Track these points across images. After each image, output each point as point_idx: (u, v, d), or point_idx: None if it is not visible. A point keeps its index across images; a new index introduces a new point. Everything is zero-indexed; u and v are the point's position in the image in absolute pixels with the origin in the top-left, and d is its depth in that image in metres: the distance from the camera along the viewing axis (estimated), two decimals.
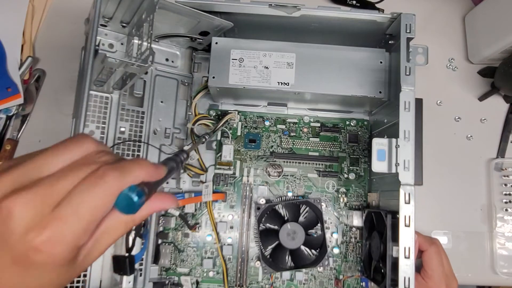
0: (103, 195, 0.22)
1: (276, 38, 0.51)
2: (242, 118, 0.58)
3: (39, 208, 0.21)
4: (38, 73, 0.59)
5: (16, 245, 0.20)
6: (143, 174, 0.24)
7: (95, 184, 0.22)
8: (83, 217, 0.21)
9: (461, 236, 0.59)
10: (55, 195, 0.21)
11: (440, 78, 0.64)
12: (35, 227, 0.20)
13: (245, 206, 0.55)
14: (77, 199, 0.21)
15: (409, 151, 0.42)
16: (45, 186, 0.21)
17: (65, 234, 0.21)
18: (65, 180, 0.22)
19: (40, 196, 0.21)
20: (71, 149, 0.23)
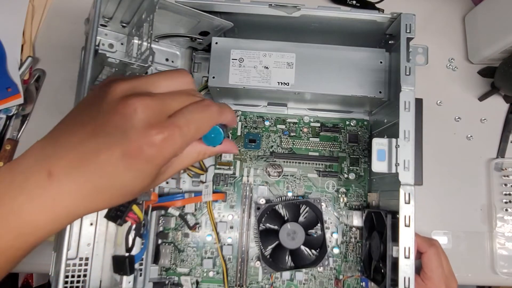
0: (207, 120, 0.27)
1: (276, 38, 0.51)
2: (242, 118, 0.58)
3: (158, 113, 0.24)
4: (38, 73, 0.59)
5: (134, 138, 0.23)
6: (229, 118, 0.29)
7: (203, 109, 0.26)
8: (191, 131, 0.25)
9: (461, 236, 0.59)
10: (171, 107, 0.25)
11: (440, 78, 0.64)
12: (157, 126, 0.23)
13: (245, 206, 0.56)
14: (189, 115, 0.25)
15: (409, 151, 0.42)
16: (162, 97, 0.25)
17: (177, 139, 0.24)
18: (178, 99, 0.26)
19: (159, 104, 0.24)
20: (176, 78, 0.27)
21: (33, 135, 0.58)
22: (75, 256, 0.48)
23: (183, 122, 0.25)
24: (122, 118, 0.23)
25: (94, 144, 0.23)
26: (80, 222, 0.49)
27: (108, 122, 0.23)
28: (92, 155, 0.23)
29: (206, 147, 0.29)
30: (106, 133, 0.23)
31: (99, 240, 0.49)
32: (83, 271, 0.48)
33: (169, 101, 0.25)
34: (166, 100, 0.25)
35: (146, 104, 0.24)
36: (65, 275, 0.36)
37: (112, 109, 0.24)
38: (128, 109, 0.23)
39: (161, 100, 0.25)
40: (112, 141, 0.23)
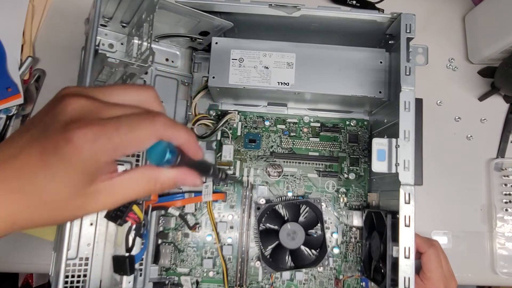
0: (146, 131, 0.23)
1: (276, 38, 0.51)
2: (242, 118, 0.58)
3: (90, 113, 0.22)
4: (38, 73, 0.59)
5: (53, 132, 0.21)
6: (185, 140, 0.25)
7: (145, 119, 0.23)
8: (120, 136, 0.22)
9: (461, 236, 0.59)
10: (109, 112, 0.22)
11: (440, 78, 0.64)
12: (79, 121, 0.21)
13: (245, 206, 0.55)
14: (124, 120, 0.22)
15: (409, 151, 0.42)
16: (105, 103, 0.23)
17: (99, 140, 0.21)
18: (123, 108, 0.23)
19: (96, 106, 0.22)
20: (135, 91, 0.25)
21: None
22: (75, 256, 0.48)
23: (112, 125, 0.22)
24: (52, 113, 0.22)
25: (23, 140, 0.22)
26: (80, 222, 0.49)
27: (40, 118, 0.22)
28: (15, 152, 0.21)
29: (157, 173, 0.25)
30: (34, 128, 0.22)
31: (99, 240, 0.49)
32: (83, 271, 0.48)
33: (110, 107, 0.23)
34: (107, 106, 0.23)
35: (79, 103, 0.22)
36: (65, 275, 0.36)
37: (50, 106, 0.23)
38: (59, 105, 0.22)
39: (100, 103, 0.23)
40: (34, 137, 0.22)
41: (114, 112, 0.23)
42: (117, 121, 0.22)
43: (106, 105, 0.23)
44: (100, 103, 0.23)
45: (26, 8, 0.59)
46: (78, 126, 0.21)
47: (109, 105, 0.23)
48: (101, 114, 0.22)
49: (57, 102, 0.22)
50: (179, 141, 0.24)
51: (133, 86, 0.25)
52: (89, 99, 0.22)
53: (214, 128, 0.55)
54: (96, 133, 0.21)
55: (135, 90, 0.25)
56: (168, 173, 0.25)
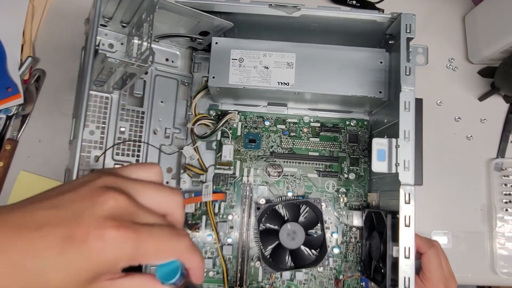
0: (171, 248, 0.23)
1: (276, 38, 0.51)
2: (242, 118, 0.58)
3: (127, 214, 0.22)
4: (38, 73, 0.59)
5: (86, 222, 0.21)
6: (198, 266, 0.25)
7: (173, 236, 0.23)
8: (147, 247, 0.22)
9: (461, 236, 0.59)
10: (143, 218, 0.23)
11: (440, 78, 0.64)
12: (115, 221, 0.21)
13: (245, 206, 0.55)
14: (155, 233, 0.23)
15: (409, 151, 0.42)
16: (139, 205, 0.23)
17: (128, 246, 0.21)
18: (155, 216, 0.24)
19: (133, 208, 0.23)
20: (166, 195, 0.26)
21: (33, 135, 0.58)
22: None
23: (145, 235, 0.22)
24: (89, 202, 0.22)
25: (45, 216, 0.21)
26: None
27: (73, 201, 0.22)
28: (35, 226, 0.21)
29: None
30: (64, 210, 0.21)
31: None
32: None
33: (145, 213, 0.23)
34: (143, 210, 0.23)
35: (119, 201, 0.22)
36: None
37: (86, 193, 0.22)
38: (100, 198, 0.22)
39: (137, 206, 0.23)
40: (64, 219, 0.21)
41: (147, 219, 0.23)
42: (148, 232, 0.22)
43: (141, 209, 0.23)
44: (137, 205, 0.23)
45: (26, 8, 0.59)
46: (114, 226, 0.21)
47: (144, 210, 0.24)
48: (136, 217, 0.23)
49: (96, 193, 0.22)
50: (192, 265, 0.25)
51: (165, 189, 0.26)
52: (128, 199, 0.23)
53: (214, 128, 0.55)
54: (128, 239, 0.21)
55: (166, 194, 0.26)
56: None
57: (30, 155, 0.57)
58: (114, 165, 0.52)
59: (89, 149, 0.51)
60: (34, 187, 0.56)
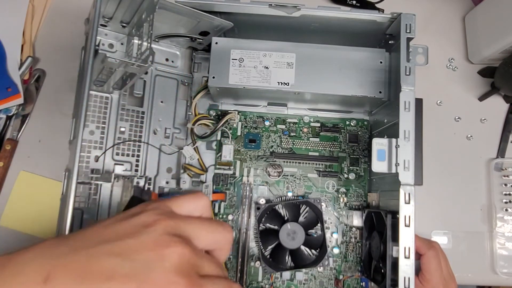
0: None
1: (276, 38, 0.51)
2: (242, 118, 0.58)
3: (192, 267, 0.23)
4: (38, 73, 0.59)
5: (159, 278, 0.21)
6: None
7: None
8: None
9: (461, 236, 0.59)
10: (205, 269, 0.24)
11: (440, 78, 0.64)
12: (187, 279, 0.22)
13: (245, 206, 0.55)
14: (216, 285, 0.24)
15: (409, 151, 0.42)
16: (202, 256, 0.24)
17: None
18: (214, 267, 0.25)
19: (196, 260, 0.23)
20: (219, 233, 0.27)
21: (33, 135, 0.58)
22: None
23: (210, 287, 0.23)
24: (156, 255, 0.22)
25: (112, 265, 0.21)
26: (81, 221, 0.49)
27: (139, 251, 0.22)
28: (102, 276, 0.21)
29: None
30: (131, 260, 0.21)
31: None
32: None
33: (206, 262, 0.25)
34: (203, 260, 0.24)
35: (184, 254, 0.23)
36: None
37: (151, 242, 0.22)
38: (166, 250, 0.22)
39: (199, 257, 0.24)
40: (134, 271, 0.21)
41: (209, 269, 0.24)
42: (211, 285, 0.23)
43: (203, 258, 0.24)
44: (199, 255, 0.24)
45: (26, 8, 0.59)
46: (184, 283, 0.22)
47: (205, 260, 0.24)
48: (200, 269, 0.24)
49: (161, 243, 0.22)
50: None
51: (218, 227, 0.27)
52: (192, 249, 0.23)
53: (214, 128, 0.55)
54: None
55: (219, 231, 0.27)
56: None
57: (30, 155, 0.57)
58: (114, 165, 0.52)
59: (89, 149, 0.51)
60: (34, 187, 0.56)
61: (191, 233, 0.25)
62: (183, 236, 0.24)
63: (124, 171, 0.53)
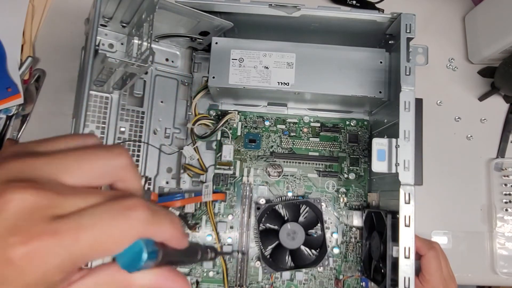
0: (118, 233, 0.17)
1: (276, 38, 0.51)
2: (242, 118, 0.58)
3: (37, 211, 0.16)
4: (38, 73, 0.59)
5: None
6: (169, 233, 0.19)
7: (118, 213, 0.17)
8: (81, 244, 0.16)
9: (461, 236, 0.59)
10: (66, 206, 0.17)
11: (440, 78, 0.64)
12: (20, 233, 0.15)
13: (245, 206, 0.55)
14: (87, 220, 0.16)
15: (409, 151, 0.42)
16: (57, 192, 0.17)
17: (50, 255, 0.16)
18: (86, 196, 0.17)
19: (46, 198, 0.16)
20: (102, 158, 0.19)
21: (33, 135, 0.58)
22: None
23: (71, 229, 0.16)
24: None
25: None
26: None
27: None
28: None
29: (128, 279, 0.19)
30: None
31: None
32: None
33: (69, 197, 0.17)
34: (64, 196, 0.17)
35: (24, 200, 0.16)
36: None
37: None
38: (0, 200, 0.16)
39: (55, 195, 0.17)
40: None
41: (74, 204, 0.17)
42: (77, 224, 0.16)
43: (61, 196, 0.17)
44: (53, 194, 0.17)
45: (26, 8, 0.59)
46: (21, 241, 0.15)
47: (66, 195, 0.17)
48: (58, 209, 0.16)
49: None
50: (162, 238, 0.19)
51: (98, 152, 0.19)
52: (38, 190, 0.16)
53: (214, 128, 0.55)
54: (46, 248, 0.15)
55: (102, 157, 0.19)
56: (145, 278, 0.19)
57: None
58: None
59: None
60: None
61: (52, 170, 0.17)
62: (37, 177, 0.17)
63: None
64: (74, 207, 0.17)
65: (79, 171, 0.18)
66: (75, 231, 0.16)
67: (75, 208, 0.17)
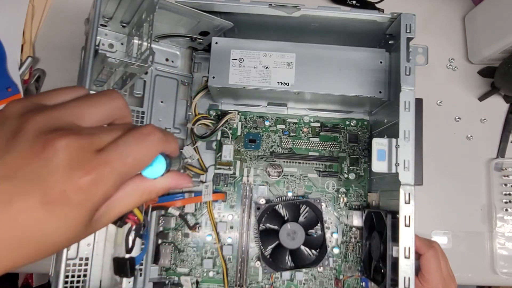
0: (147, 150, 0.22)
1: (276, 38, 0.51)
2: (242, 118, 0.58)
3: (84, 150, 0.20)
4: (38, 73, 0.59)
5: (56, 182, 0.19)
6: (174, 147, 0.24)
7: (142, 139, 0.22)
8: (126, 166, 0.21)
9: (461, 236, 0.59)
10: (101, 141, 0.21)
11: (440, 78, 0.64)
12: (81, 167, 0.20)
13: (245, 206, 0.55)
14: (124, 148, 0.21)
15: (409, 151, 0.42)
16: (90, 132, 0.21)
17: (108, 178, 0.20)
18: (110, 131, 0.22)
19: (86, 141, 0.20)
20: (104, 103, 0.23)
21: None
22: (75, 256, 0.48)
23: (116, 157, 0.21)
24: (40, 160, 0.19)
25: (6, 190, 0.19)
26: None
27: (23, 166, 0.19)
28: (2, 204, 0.19)
29: (151, 184, 0.25)
30: (20, 178, 0.19)
31: (99, 240, 0.49)
32: (83, 271, 0.48)
33: (99, 135, 0.21)
34: (95, 135, 0.21)
35: (69, 144, 0.20)
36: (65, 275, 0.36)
37: (28, 149, 0.20)
38: (48, 150, 0.19)
39: (88, 135, 0.21)
40: (29, 187, 0.19)
41: (106, 138, 0.21)
42: (117, 152, 0.21)
43: (94, 135, 0.21)
44: (88, 135, 0.21)
45: (26, 8, 0.59)
46: (85, 173, 0.20)
47: (95, 133, 0.21)
48: (96, 145, 0.21)
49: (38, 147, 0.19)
50: (170, 150, 0.24)
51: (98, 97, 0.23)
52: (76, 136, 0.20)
53: (214, 128, 0.55)
54: (104, 173, 0.20)
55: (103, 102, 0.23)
56: (162, 182, 0.25)
57: None
58: None
59: None
60: None
61: (70, 118, 0.21)
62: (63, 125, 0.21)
63: None
64: (107, 141, 0.21)
65: (92, 116, 0.22)
66: (119, 157, 0.21)
67: (108, 142, 0.21)
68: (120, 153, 0.21)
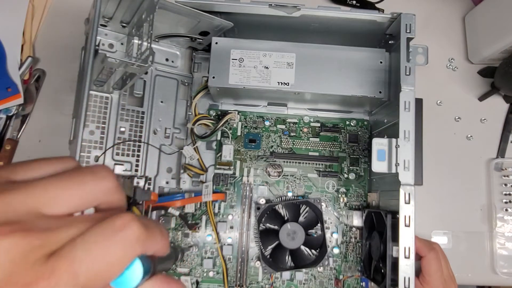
0: (116, 253, 0.16)
1: (276, 38, 0.51)
2: (242, 118, 0.58)
3: (32, 253, 0.15)
4: (38, 73, 0.59)
5: None
6: (160, 244, 0.18)
7: (111, 236, 0.16)
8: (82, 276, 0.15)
9: (461, 236, 0.59)
10: (56, 240, 0.16)
11: (440, 78, 0.64)
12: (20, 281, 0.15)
13: (245, 206, 0.55)
14: (81, 252, 0.16)
15: (409, 151, 0.42)
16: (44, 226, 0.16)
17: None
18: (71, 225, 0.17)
19: (36, 238, 0.15)
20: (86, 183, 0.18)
21: (33, 135, 0.58)
22: None
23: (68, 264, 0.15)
24: None
25: None
26: None
27: None
28: None
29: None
30: None
31: None
32: None
33: (57, 231, 0.16)
34: (52, 231, 0.16)
35: (14, 245, 0.15)
36: None
37: None
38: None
39: (42, 232, 0.16)
40: None
41: (65, 235, 0.16)
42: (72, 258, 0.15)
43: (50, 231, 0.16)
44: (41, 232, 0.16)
45: (26, 8, 0.59)
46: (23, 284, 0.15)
47: (54, 229, 0.16)
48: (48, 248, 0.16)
49: None
50: (154, 250, 0.18)
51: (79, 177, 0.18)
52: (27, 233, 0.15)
53: (214, 128, 0.55)
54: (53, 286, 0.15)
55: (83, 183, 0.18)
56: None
57: (30, 155, 0.57)
58: (114, 165, 0.52)
59: (89, 149, 0.51)
60: None
61: (32, 203, 0.16)
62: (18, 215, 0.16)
63: (124, 171, 0.53)
64: (66, 238, 0.16)
65: (63, 201, 0.17)
66: (71, 266, 0.15)
67: (68, 239, 0.16)
68: (74, 259, 0.15)
